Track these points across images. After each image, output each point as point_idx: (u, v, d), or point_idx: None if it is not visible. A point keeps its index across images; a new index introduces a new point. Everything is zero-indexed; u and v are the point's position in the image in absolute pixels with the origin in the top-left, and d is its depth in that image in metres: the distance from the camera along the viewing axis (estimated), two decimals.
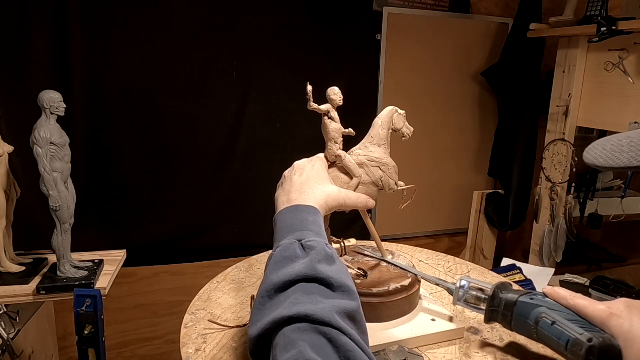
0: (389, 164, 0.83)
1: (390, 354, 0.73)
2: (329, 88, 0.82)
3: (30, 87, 1.52)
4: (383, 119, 0.85)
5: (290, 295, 0.51)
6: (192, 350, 0.76)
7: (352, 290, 0.54)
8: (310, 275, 0.53)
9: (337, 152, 0.81)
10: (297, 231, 0.60)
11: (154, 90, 1.72)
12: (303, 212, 0.65)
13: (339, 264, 0.58)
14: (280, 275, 0.53)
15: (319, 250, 0.56)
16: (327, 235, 0.90)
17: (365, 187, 0.82)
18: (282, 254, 0.57)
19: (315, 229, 0.62)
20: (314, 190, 0.70)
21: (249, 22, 1.78)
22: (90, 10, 1.59)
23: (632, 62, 1.61)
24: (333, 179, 0.79)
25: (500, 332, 0.84)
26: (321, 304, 0.49)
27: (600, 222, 2.08)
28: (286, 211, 0.66)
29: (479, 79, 2.22)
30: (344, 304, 0.50)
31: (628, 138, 0.51)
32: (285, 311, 0.48)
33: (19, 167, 1.44)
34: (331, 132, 0.82)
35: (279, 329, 0.47)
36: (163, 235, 1.85)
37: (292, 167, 0.77)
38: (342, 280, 0.54)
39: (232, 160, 1.87)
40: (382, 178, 0.82)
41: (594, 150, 0.55)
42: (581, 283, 1.94)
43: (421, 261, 1.18)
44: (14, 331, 1.34)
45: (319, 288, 0.52)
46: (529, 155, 2.18)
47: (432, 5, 2.07)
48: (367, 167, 0.82)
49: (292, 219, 0.63)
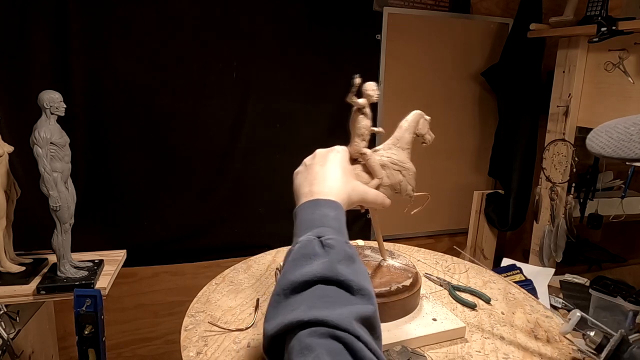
0: (410, 169, 0.82)
1: (393, 354, 0.73)
2: (367, 83, 0.79)
3: (30, 87, 1.52)
4: (410, 122, 0.84)
5: (307, 297, 0.50)
6: (193, 353, 0.76)
7: (371, 293, 0.52)
8: (329, 276, 0.51)
9: (363, 149, 0.79)
10: (317, 227, 0.58)
11: (154, 90, 1.72)
12: (324, 206, 0.62)
13: (358, 264, 0.56)
14: (298, 274, 0.51)
15: (338, 249, 0.54)
16: None
17: (383, 189, 0.80)
18: (300, 251, 0.55)
19: (336, 225, 0.59)
20: (338, 182, 0.67)
21: (249, 22, 1.78)
22: (90, 10, 1.58)
23: (632, 62, 1.61)
24: (355, 175, 0.77)
25: (501, 331, 0.84)
26: (339, 309, 0.47)
27: (600, 222, 2.08)
28: (307, 205, 0.63)
29: (479, 79, 2.22)
30: (362, 309, 0.49)
31: (636, 125, 0.47)
32: (302, 314, 0.46)
33: (19, 167, 1.43)
34: (361, 128, 0.78)
35: (294, 332, 0.46)
36: (163, 235, 1.84)
37: (313, 155, 0.73)
38: (361, 283, 0.52)
39: (232, 160, 1.87)
40: (401, 182, 0.81)
41: (598, 138, 0.50)
42: (581, 283, 1.94)
43: (419, 260, 1.18)
44: (14, 331, 1.34)
45: (337, 291, 0.51)
46: (529, 155, 2.17)
47: (432, 5, 2.07)
48: (389, 169, 0.80)
49: (313, 214, 0.61)
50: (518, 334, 0.84)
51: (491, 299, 0.96)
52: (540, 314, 0.91)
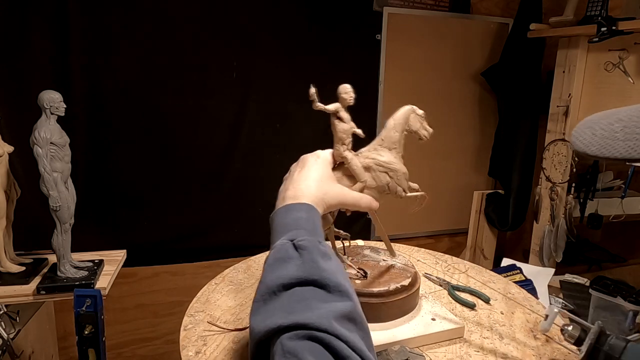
0: (398, 170, 0.78)
1: (392, 354, 0.73)
2: (341, 86, 0.76)
3: (30, 87, 1.52)
4: (397, 119, 0.80)
5: (285, 301, 0.50)
6: (192, 352, 0.76)
7: (347, 289, 0.53)
8: (304, 277, 0.52)
9: (343, 153, 0.78)
10: (290, 231, 0.59)
11: (154, 90, 1.72)
12: (296, 210, 0.63)
13: (333, 260, 0.57)
14: (274, 278, 0.52)
15: (311, 249, 0.55)
16: (330, 231, 0.87)
17: (370, 192, 0.78)
18: (274, 256, 0.56)
19: (308, 226, 0.60)
20: (311, 186, 0.68)
21: (249, 22, 1.78)
22: (90, 10, 1.59)
23: (632, 62, 1.61)
24: (337, 180, 0.76)
25: (500, 331, 0.84)
26: (317, 309, 0.48)
27: (600, 222, 2.08)
28: (280, 210, 0.64)
29: (479, 79, 2.22)
30: (340, 307, 0.50)
31: (620, 122, 0.45)
32: (282, 320, 0.47)
33: (19, 167, 1.43)
34: (339, 133, 0.77)
35: (276, 337, 0.47)
36: (163, 235, 1.85)
37: (297, 161, 0.75)
38: (337, 280, 0.53)
39: (232, 160, 1.87)
40: (389, 184, 0.78)
41: (582, 135, 0.48)
42: (581, 283, 1.94)
43: (419, 260, 1.18)
44: (14, 331, 1.34)
45: (314, 291, 0.51)
46: (529, 155, 2.17)
47: (432, 5, 2.07)
48: (374, 171, 0.78)
49: (286, 218, 0.62)
50: (517, 334, 0.84)
51: (490, 298, 0.96)
52: (540, 314, 0.91)
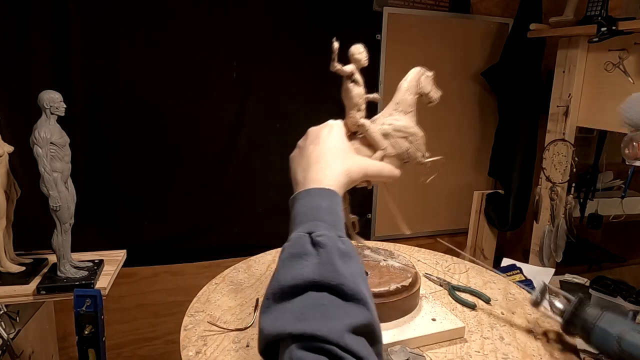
0: (417, 134, 0.74)
1: (392, 354, 0.73)
2: (353, 46, 0.71)
3: (30, 87, 1.52)
4: (410, 81, 0.75)
5: (297, 306, 0.47)
6: (192, 352, 0.76)
7: (364, 297, 0.48)
8: (319, 281, 0.48)
9: (360, 120, 0.72)
10: (308, 221, 0.54)
11: (154, 90, 1.72)
12: (317, 196, 0.58)
13: (353, 261, 0.52)
14: (288, 278, 0.49)
15: (330, 248, 0.51)
16: (346, 214, 0.80)
17: (389, 160, 0.73)
18: (290, 250, 0.52)
19: (329, 218, 0.55)
20: (333, 163, 0.62)
21: (249, 22, 1.78)
22: (91, 10, 1.58)
23: (632, 62, 1.61)
24: (355, 151, 0.71)
25: (500, 331, 0.84)
26: (330, 320, 0.45)
27: (600, 222, 2.08)
28: (300, 196, 0.59)
29: (479, 79, 2.22)
30: (356, 318, 0.46)
31: None
32: (290, 327, 0.45)
33: (19, 167, 1.43)
34: (355, 98, 0.71)
35: (285, 342, 0.45)
36: (163, 235, 1.84)
37: (305, 135, 0.69)
38: (355, 286, 0.48)
39: (232, 160, 1.87)
40: (409, 150, 0.73)
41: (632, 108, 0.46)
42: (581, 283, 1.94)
43: (419, 260, 1.18)
44: (14, 331, 1.34)
45: (329, 298, 0.48)
46: (529, 155, 2.17)
47: (432, 5, 2.07)
48: (393, 137, 0.72)
49: (305, 206, 0.57)
50: (518, 334, 0.84)
51: (491, 299, 0.96)
52: (540, 314, 0.91)
